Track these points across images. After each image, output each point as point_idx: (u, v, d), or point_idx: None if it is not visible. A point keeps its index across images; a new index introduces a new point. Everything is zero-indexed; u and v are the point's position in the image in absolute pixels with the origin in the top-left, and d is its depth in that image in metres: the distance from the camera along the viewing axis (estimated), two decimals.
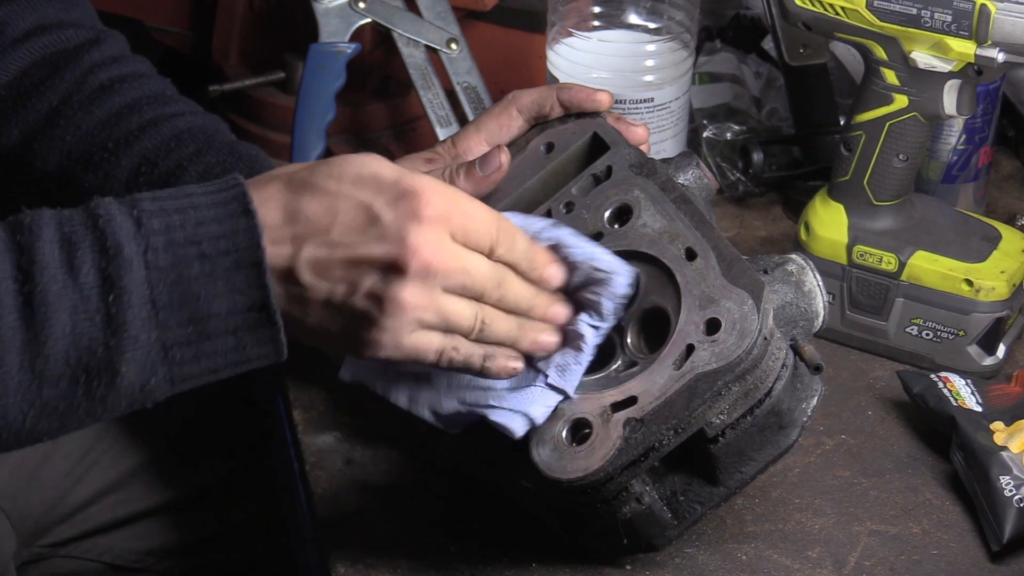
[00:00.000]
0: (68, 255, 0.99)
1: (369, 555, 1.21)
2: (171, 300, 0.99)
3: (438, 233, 1.03)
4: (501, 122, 1.25)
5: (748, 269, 1.13)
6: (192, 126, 1.30)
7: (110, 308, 0.98)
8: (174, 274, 0.99)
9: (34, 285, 0.97)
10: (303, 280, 1.02)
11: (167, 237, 1.00)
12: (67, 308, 0.98)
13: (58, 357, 0.98)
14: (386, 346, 1.05)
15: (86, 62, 1.32)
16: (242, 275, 1.00)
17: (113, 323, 0.98)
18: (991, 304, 1.36)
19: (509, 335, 1.09)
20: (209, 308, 1.00)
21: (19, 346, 0.97)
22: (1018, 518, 1.20)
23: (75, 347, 0.98)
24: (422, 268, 1.02)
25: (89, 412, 1.00)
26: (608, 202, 1.19)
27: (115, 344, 0.98)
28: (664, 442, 1.10)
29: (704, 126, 1.63)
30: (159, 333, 0.99)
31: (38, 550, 1.48)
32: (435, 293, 1.04)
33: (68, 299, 0.98)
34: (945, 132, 1.51)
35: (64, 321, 0.97)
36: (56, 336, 0.97)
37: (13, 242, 0.99)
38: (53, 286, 0.98)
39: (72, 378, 0.99)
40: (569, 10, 1.52)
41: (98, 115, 1.30)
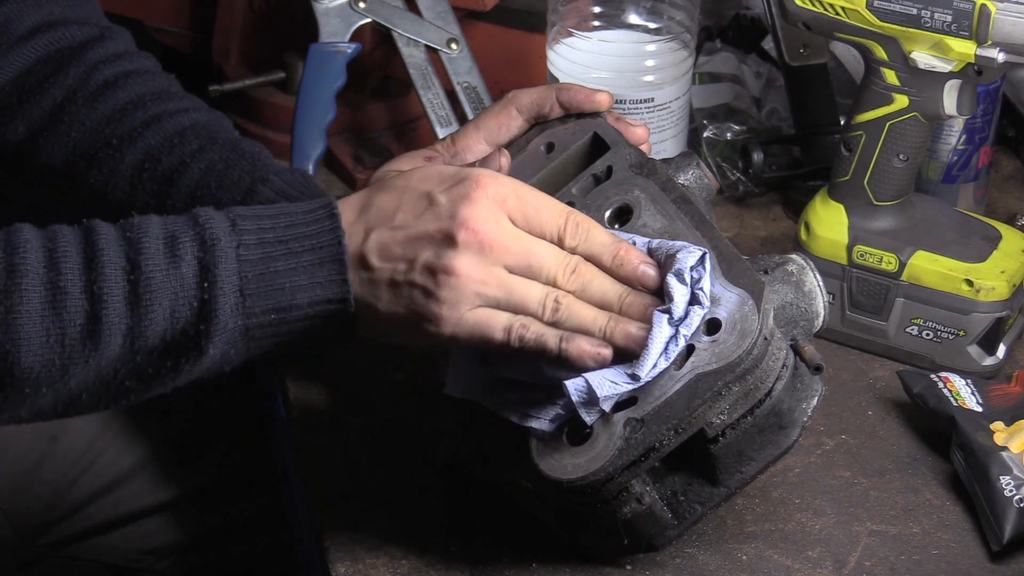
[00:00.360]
0: (171, 247, 1.07)
1: (369, 555, 1.21)
2: (258, 289, 1.07)
3: (492, 211, 1.08)
4: (500, 121, 1.25)
5: (748, 269, 1.13)
6: (196, 123, 1.30)
7: (204, 294, 1.07)
8: (262, 266, 1.08)
9: (140, 273, 1.06)
10: (371, 263, 1.09)
11: (259, 236, 1.08)
12: (168, 294, 1.06)
13: (156, 336, 1.07)
14: (447, 320, 1.08)
15: (90, 58, 1.32)
16: (324, 270, 1.08)
17: (206, 309, 1.07)
18: (991, 304, 1.36)
19: (596, 324, 1.10)
20: (292, 298, 1.08)
21: (124, 329, 1.06)
22: (1018, 518, 1.20)
23: (171, 328, 1.07)
24: (473, 240, 1.08)
25: (173, 380, 1.09)
26: (608, 202, 1.19)
27: (205, 328, 1.07)
28: (664, 442, 1.10)
29: (704, 126, 1.63)
30: (244, 319, 1.08)
31: (37, 550, 1.48)
32: (494, 269, 1.08)
33: (170, 286, 1.06)
34: (945, 132, 1.51)
35: (165, 306, 1.06)
36: (156, 320, 1.06)
37: (124, 237, 1.08)
38: (157, 274, 1.06)
39: (163, 352, 1.07)
40: (569, 10, 1.52)
41: (102, 111, 1.30)
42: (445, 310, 1.08)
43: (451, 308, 1.08)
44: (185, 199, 1.27)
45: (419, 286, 1.08)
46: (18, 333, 1.05)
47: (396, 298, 1.09)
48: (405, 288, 1.08)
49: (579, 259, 1.11)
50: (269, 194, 1.25)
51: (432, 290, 1.08)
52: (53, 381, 1.06)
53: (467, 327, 1.09)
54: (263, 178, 1.26)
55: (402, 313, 1.09)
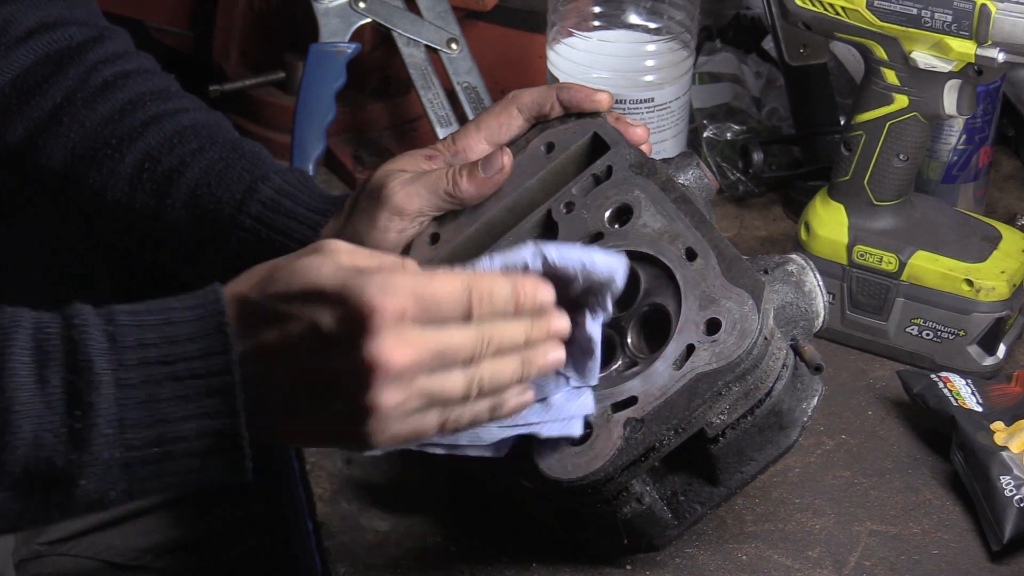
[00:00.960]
0: (39, 365, 0.97)
1: (369, 555, 1.21)
2: (139, 419, 0.97)
3: (395, 333, 0.97)
4: (501, 121, 1.25)
5: (748, 269, 1.13)
6: (195, 122, 1.30)
7: (75, 423, 0.96)
8: (144, 393, 0.97)
9: (1, 390, 0.96)
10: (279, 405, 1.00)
11: (140, 355, 0.98)
12: (33, 418, 0.96)
13: (17, 463, 0.96)
14: (382, 443, 1.00)
15: (90, 59, 1.32)
16: (213, 400, 0.98)
17: (76, 439, 0.96)
18: (991, 304, 1.36)
19: (515, 375, 1.04)
20: (177, 430, 0.98)
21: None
22: (1018, 518, 1.20)
23: (35, 457, 0.96)
24: (388, 374, 0.97)
25: (44, 517, 1.00)
26: (608, 202, 1.19)
27: (76, 459, 0.97)
28: (664, 442, 1.10)
29: (704, 126, 1.63)
30: (123, 452, 0.97)
31: (36, 548, 1.48)
32: (415, 383, 0.99)
33: (35, 409, 0.96)
34: (945, 132, 1.51)
35: (27, 431, 0.96)
36: (16, 444, 0.96)
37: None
38: (21, 395, 0.96)
39: (28, 485, 0.97)
40: (569, 10, 1.52)
41: (102, 112, 1.30)
42: (379, 436, 0.99)
43: (383, 434, 0.99)
44: (185, 198, 1.27)
45: (342, 421, 0.99)
46: None
47: (316, 430, 1.01)
48: (325, 422, 0.99)
49: (490, 324, 1.01)
50: (269, 192, 1.25)
51: (358, 428, 0.99)
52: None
53: (402, 438, 1.01)
54: (263, 176, 1.26)
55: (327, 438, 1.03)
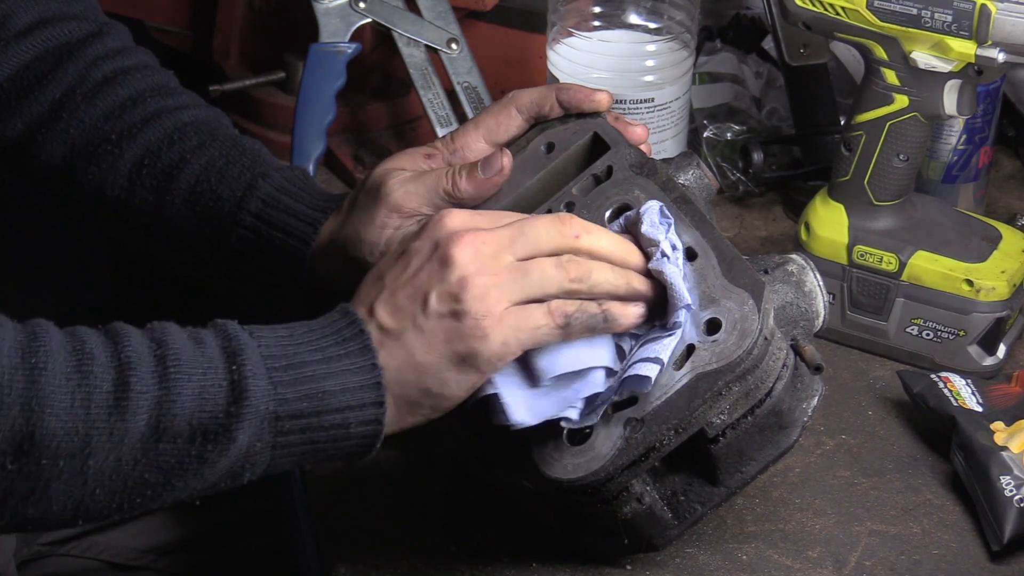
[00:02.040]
0: (193, 336, 1.05)
1: (369, 555, 1.21)
2: (286, 377, 1.04)
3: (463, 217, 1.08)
4: (500, 120, 1.25)
5: (748, 269, 1.13)
6: (195, 119, 1.30)
7: (233, 375, 1.03)
8: (285, 360, 1.05)
9: (167, 350, 1.03)
10: (388, 326, 1.06)
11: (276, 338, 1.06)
12: (198, 372, 1.03)
13: (183, 416, 1.02)
14: (490, 330, 1.06)
15: (89, 55, 1.32)
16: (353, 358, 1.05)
17: (236, 388, 1.03)
18: (991, 304, 1.36)
19: (613, 278, 1.10)
20: (322, 386, 1.05)
21: (151, 402, 1.01)
22: (1018, 518, 1.20)
23: (200, 409, 1.02)
24: (465, 245, 1.06)
25: (196, 473, 1.04)
26: (608, 202, 1.19)
27: (235, 410, 1.03)
28: (665, 442, 1.10)
29: (704, 126, 1.63)
30: (275, 406, 1.04)
31: (38, 548, 1.48)
32: (499, 261, 1.07)
33: (198, 364, 1.03)
34: (945, 132, 1.51)
35: (194, 383, 1.02)
36: (185, 396, 1.02)
37: (144, 328, 1.05)
38: (184, 353, 1.03)
39: (190, 438, 1.02)
40: (569, 10, 1.52)
41: (101, 107, 1.30)
42: (483, 321, 1.05)
43: (486, 316, 1.06)
44: (185, 194, 1.27)
45: (445, 314, 1.06)
46: (44, 391, 0.99)
47: (430, 339, 1.06)
48: (433, 323, 1.06)
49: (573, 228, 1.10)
50: (269, 190, 1.25)
51: (458, 309, 1.06)
52: (73, 454, 1.00)
53: (511, 329, 1.06)
54: (263, 173, 1.26)
55: (443, 349, 1.06)
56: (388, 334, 1.07)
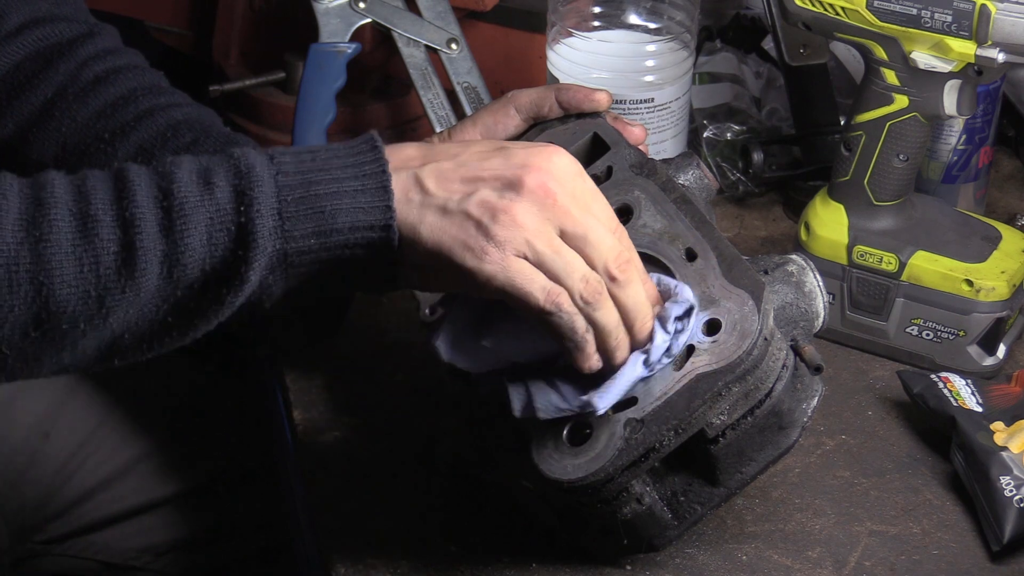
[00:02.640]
0: (205, 176, 1.05)
1: (369, 555, 1.21)
2: (297, 211, 1.04)
3: (566, 173, 1.07)
4: (498, 119, 1.25)
5: (748, 269, 1.13)
6: (188, 117, 1.30)
7: (240, 218, 1.03)
8: (301, 190, 1.05)
9: (173, 200, 1.03)
10: (427, 186, 1.07)
11: (297, 164, 1.06)
12: (204, 219, 1.03)
13: (194, 265, 1.03)
14: (492, 258, 1.05)
15: (80, 55, 1.32)
16: (367, 196, 1.05)
17: (243, 233, 1.03)
18: (991, 304, 1.36)
19: (616, 331, 1.09)
20: (333, 222, 1.05)
21: (160, 256, 1.03)
22: (1018, 518, 1.20)
23: (210, 256, 1.03)
24: (540, 192, 1.06)
25: (216, 314, 1.06)
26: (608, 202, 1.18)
27: (243, 254, 1.04)
28: (664, 443, 1.10)
29: (704, 126, 1.63)
30: (283, 243, 1.04)
31: (32, 547, 1.48)
32: (549, 227, 1.06)
33: (205, 211, 1.03)
34: (945, 132, 1.51)
35: (201, 231, 1.03)
36: (193, 246, 1.03)
37: (155, 171, 1.05)
38: (191, 199, 1.03)
39: (204, 283, 1.04)
40: (569, 10, 1.52)
41: (93, 106, 1.30)
42: (493, 248, 1.05)
43: (499, 248, 1.05)
44: None
45: (472, 218, 1.05)
46: (50, 263, 1.01)
47: (443, 224, 1.06)
48: (457, 216, 1.06)
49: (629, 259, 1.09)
50: None
51: (485, 224, 1.05)
52: (91, 316, 1.02)
53: (509, 273, 1.06)
54: None
55: (445, 241, 1.06)
56: (421, 188, 1.07)
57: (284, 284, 1.06)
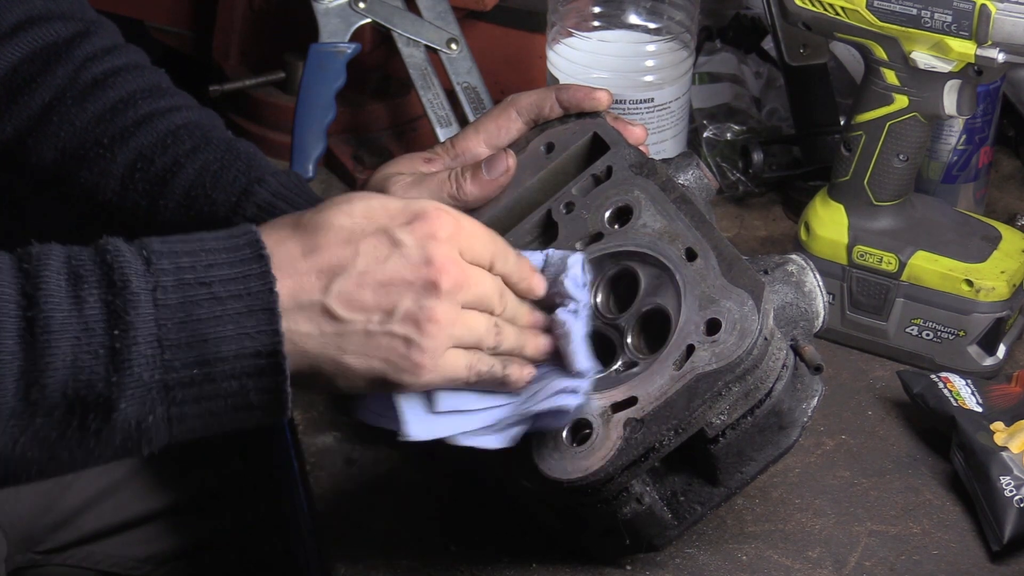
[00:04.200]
0: (74, 287, 0.97)
1: (369, 555, 1.21)
2: (179, 340, 0.97)
3: (453, 251, 1.04)
4: (500, 124, 1.25)
5: (748, 269, 1.13)
6: (188, 122, 1.29)
7: (115, 343, 0.96)
8: (183, 313, 0.98)
9: (38, 311, 0.95)
10: (338, 314, 1.02)
11: (177, 277, 0.98)
12: (70, 339, 0.95)
13: (55, 387, 0.95)
14: (427, 368, 1.04)
15: (78, 56, 1.30)
16: (253, 319, 0.99)
17: (116, 359, 0.96)
18: (991, 304, 1.36)
19: (517, 343, 1.11)
20: (217, 350, 0.98)
21: (16, 372, 0.95)
22: (1018, 518, 1.20)
23: (74, 379, 0.95)
24: (452, 285, 1.04)
25: (81, 445, 0.98)
26: (608, 202, 1.19)
27: (116, 380, 0.96)
28: (664, 442, 1.10)
29: (704, 126, 1.63)
30: (163, 374, 0.97)
31: (32, 556, 1.48)
32: (459, 309, 1.05)
33: (71, 330, 0.96)
34: (945, 132, 1.51)
35: (65, 352, 0.95)
36: (55, 366, 0.95)
37: (20, 269, 0.97)
38: (57, 315, 0.95)
39: (68, 409, 0.96)
40: (569, 10, 1.52)
41: (92, 110, 1.29)
42: (427, 359, 1.04)
43: (431, 356, 1.04)
44: (179, 199, 1.26)
45: (399, 336, 1.03)
46: None
47: (370, 350, 1.03)
48: (383, 339, 1.03)
49: (502, 283, 1.10)
50: (265, 195, 1.25)
51: (414, 339, 1.03)
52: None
53: (441, 372, 1.05)
54: (259, 179, 1.25)
55: (376, 366, 1.03)
56: (332, 317, 1.01)
57: (166, 425, 0.99)
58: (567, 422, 1.11)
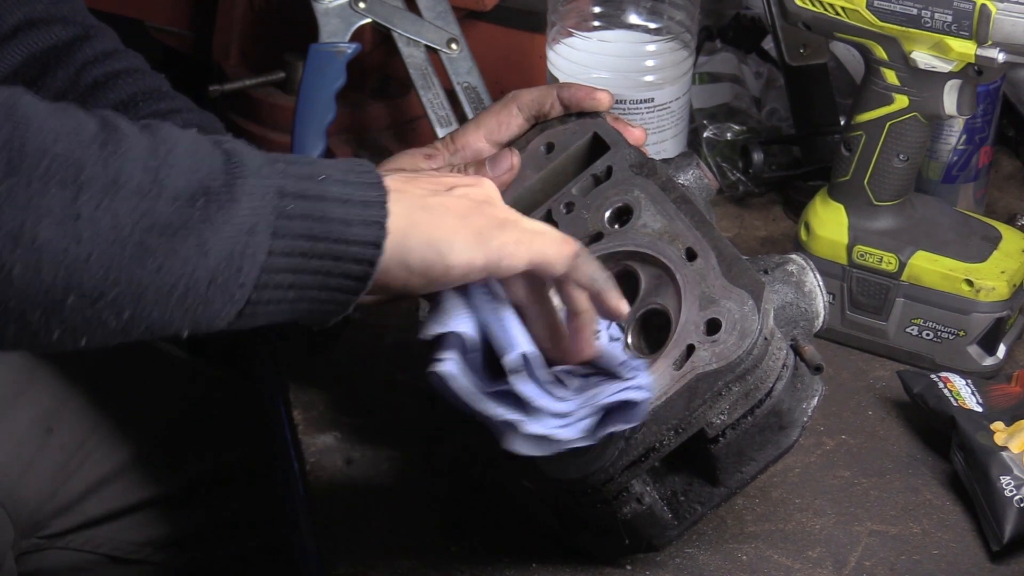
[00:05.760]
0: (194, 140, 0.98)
1: (369, 555, 1.21)
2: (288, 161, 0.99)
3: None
4: (500, 120, 1.25)
5: (748, 269, 1.13)
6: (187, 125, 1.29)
7: (224, 145, 0.97)
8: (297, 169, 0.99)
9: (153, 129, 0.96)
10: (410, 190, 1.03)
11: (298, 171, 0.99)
12: (188, 139, 0.96)
13: (180, 169, 0.94)
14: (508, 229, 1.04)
15: (78, 59, 1.31)
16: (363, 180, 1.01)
17: (232, 158, 0.96)
18: (991, 304, 1.36)
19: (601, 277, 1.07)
20: (327, 170, 0.99)
21: (144, 147, 0.94)
22: (1018, 518, 1.20)
23: (196, 170, 0.94)
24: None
25: (199, 238, 0.94)
26: (608, 202, 1.19)
27: (235, 171, 0.96)
28: (664, 442, 1.10)
29: (704, 126, 1.63)
30: (276, 180, 0.97)
31: (36, 541, 1.48)
32: None
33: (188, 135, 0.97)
34: (945, 132, 1.51)
35: (187, 143, 0.95)
36: (179, 153, 0.94)
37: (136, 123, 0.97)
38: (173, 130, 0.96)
39: (191, 197, 0.94)
40: (569, 10, 1.52)
41: None
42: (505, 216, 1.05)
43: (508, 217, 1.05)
44: None
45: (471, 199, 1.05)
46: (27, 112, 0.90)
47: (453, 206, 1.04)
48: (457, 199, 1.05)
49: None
50: None
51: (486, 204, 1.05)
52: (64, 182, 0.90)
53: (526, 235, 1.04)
54: None
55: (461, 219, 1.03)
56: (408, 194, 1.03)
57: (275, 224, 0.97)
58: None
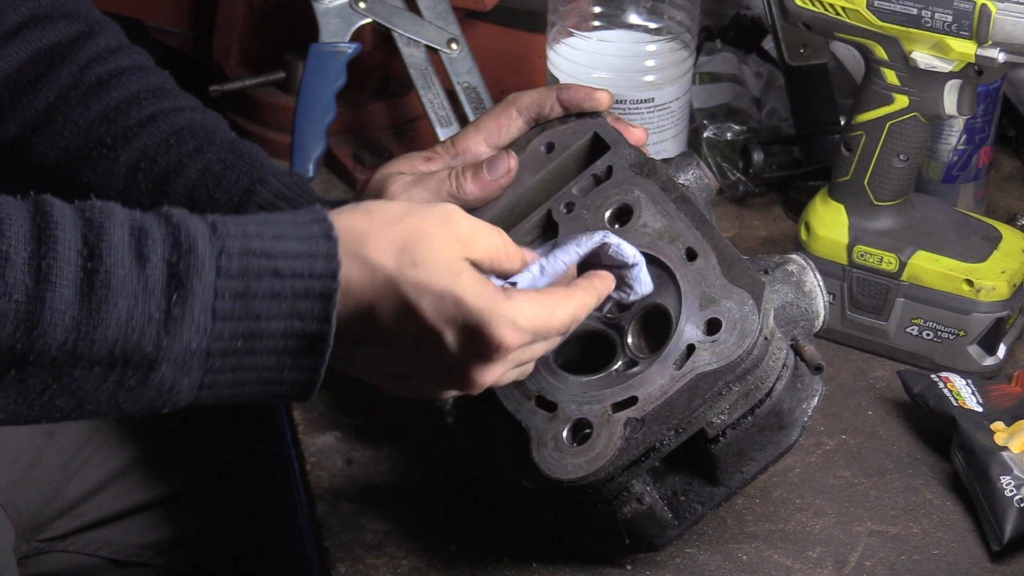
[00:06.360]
0: (138, 242, 0.94)
1: (369, 555, 1.21)
2: (232, 311, 0.95)
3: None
4: (501, 123, 1.25)
5: (748, 269, 1.13)
6: (192, 122, 1.30)
7: (172, 308, 0.94)
8: (242, 284, 0.95)
9: (99, 263, 0.93)
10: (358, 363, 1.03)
11: (243, 244, 0.96)
12: (128, 298, 0.93)
13: (105, 344, 0.93)
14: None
15: (82, 56, 1.31)
16: (308, 303, 0.97)
17: (170, 324, 0.94)
18: (991, 304, 1.36)
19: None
20: (266, 328, 0.96)
21: (68, 323, 0.92)
22: (1018, 518, 1.20)
23: (124, 339, 0.93)
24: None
25: (111, 399, 0.96)
26: (608, 202, 1.19)
27: (166, 344, 0.94)
28: (665, 442, 1.10)
29: (704, 126, 1.63)
30: (209, 342, 0.95)
31: (37, 544, 1.48)
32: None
33: (131, 288, 0.93)
34: (945, 132, 1.51)
35: (122, 311, 0.93)
36: (108, 324, 0.93)
37: (82, 217, 0.94)
38: (119, 270, 0.93)
39: (108, 365, 0.94)
40: (569, 10, 1.52)
41: (95, 110, 1.29)
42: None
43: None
44: (181, 200, 1.26)
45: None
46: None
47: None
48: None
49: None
50: (267, 195, 1.25)
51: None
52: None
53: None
54: (261, 179, 1.26)
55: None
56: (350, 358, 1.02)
57: (195, 391, 0.97)
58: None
